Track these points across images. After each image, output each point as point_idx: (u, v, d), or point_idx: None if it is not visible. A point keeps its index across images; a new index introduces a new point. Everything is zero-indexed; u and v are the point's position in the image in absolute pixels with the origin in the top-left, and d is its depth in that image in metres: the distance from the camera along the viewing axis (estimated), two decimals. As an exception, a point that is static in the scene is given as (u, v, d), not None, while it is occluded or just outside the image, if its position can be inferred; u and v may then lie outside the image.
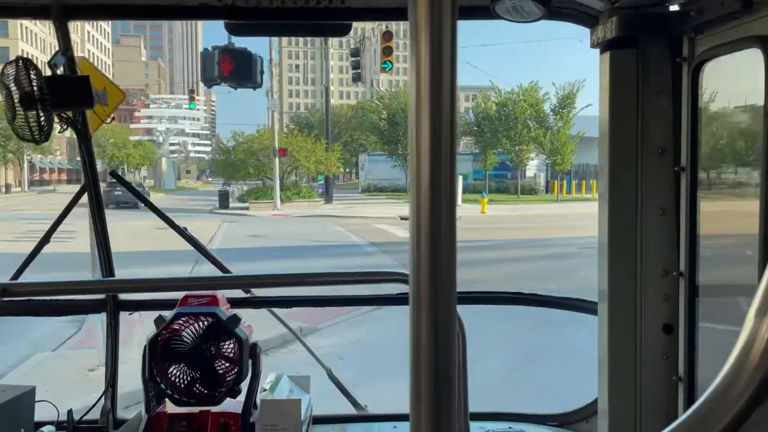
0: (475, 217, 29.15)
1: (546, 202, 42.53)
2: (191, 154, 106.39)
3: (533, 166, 53.82)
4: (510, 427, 2.75)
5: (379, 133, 52.79)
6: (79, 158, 2.87)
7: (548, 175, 52.82)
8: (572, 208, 32.72)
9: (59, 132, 2.56)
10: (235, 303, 2.73)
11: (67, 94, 2.47)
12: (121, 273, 3.04)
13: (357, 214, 31.57)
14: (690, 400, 2.10)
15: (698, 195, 2.04)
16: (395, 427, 2.81)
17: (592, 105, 48.37)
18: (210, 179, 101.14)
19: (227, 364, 2.44)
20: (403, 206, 29.78)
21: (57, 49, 2.62)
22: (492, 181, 52.33)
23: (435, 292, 0.67)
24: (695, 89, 2.01)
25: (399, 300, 3.01)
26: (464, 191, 45.46)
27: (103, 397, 2.89)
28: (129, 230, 18.06)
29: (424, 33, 0.66)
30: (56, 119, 2.53)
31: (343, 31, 2.55)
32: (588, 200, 41.27)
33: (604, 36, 2.13)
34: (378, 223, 26.65)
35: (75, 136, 2.74)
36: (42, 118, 2.40)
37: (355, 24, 2.63)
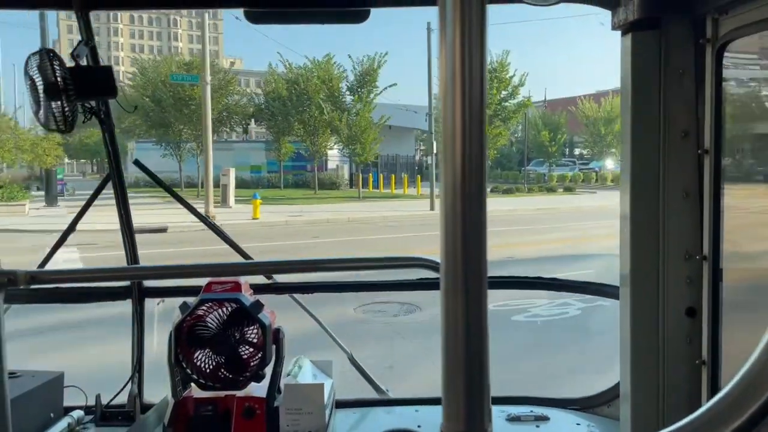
0: (240, 225, 21.39)
1: (345, 199, 34.47)
2: None
3: (335, 157, 45.79)
4: (531, 411, 2.77)
5: (144, 115, 39.62)
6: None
7: (352, 168, 43.69)
8: (374, 209, 27.28)
9: (83, 122, 2.59)
10: (257, 289, 2.76)
11: (90, 84, 2.50)
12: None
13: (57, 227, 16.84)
14: (713, 383, 2.09)
15: (722, 178, 2.02)
16: (417, 410, 2.83)
17: (396, 85, 44.12)
18: None
19: (251, 349, 2.47)
20: (170, 210, 21.75)
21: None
22: (289, 174, 45.12)
23: (466, 277, 0.68)
24: (719, 71, 1.98)
25: (424, 285, 3.02)
26: (257, 186, 38.46)
27: (130, 382, 2.95)
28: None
29: (452, 18, 0.66)
30: (80, 109, 2.56)
31: (363, 17, 2.54)
32: (398, 197, 36.75)
33: (626, 17, 2.10)
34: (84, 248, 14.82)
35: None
36: (66, 108, 2.43)
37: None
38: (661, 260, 2.15)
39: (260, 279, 2.98)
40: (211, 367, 2.46)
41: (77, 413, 2.80)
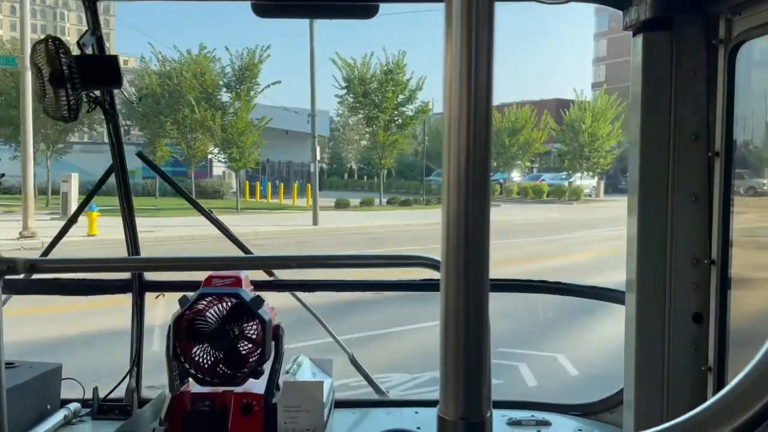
0: (71, 243, 14.27)
1: (223, 211, 26.96)
2: None
3: (221, 163, 39.65)
4: (533, 416, 2.73)
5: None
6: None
7: (240, 175, 37.72)
8: (250, 222, 23.86)
9: (87, 111, 2.58)
10: (258, 285, 2.73)
11: (96, 74, 2.49)
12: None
13: None
14: (720, 389, 2.05)
15: (732, 181, 1.99)
16: (417, 412, 2.80)
17: (281, 83, 36.13)
18: None
19: (250, 345, 2.45)
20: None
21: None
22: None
23: (468, 277, 0.68)
24: (731, 72, 1.95)
25: (426, 286, 2.99)
26: (138, 194, 31.16)
27: (128, 376, 2.92)
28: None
29: (459, 16, 0.65)
30: (84, 98, 2.54)
31: (371, 12, 2.52)
32: (285, 208, 32.76)
33: (637, 17, 2.08)
34: None
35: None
36: (71, 97, 2.41)
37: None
38: (668, 265, 2.12)
39: (262, 276, 2.95)
40: (209, 362, 2.43)
41: (74, 406, 2.78)
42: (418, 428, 2.59)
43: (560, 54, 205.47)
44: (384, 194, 40.47)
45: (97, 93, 2.63)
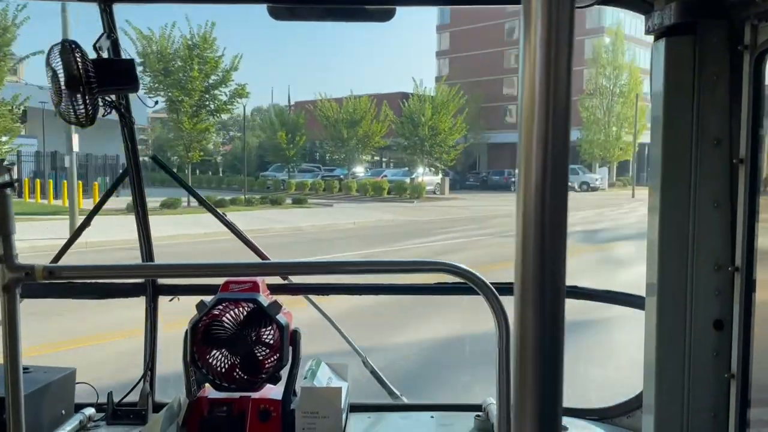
0: None
1: None
2: None
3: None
4: None
5: None
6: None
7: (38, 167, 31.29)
8: None
9: (103, 115, 2.57)
10: (273, 290, 2.72)
11: (112, 77, 2.47)
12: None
13: None
14: (744, 396, 2.04)
15: (758, 188, 1.96)
16: (432, 416, 2.79)
17: (43, 53, 26.43)
18: None
19: (267, 351, 2.44)
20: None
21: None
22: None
23: (543, 288, 0.65)
24: (758, 78, 1.93)
25: (442, 290, 2.97)
26: None
27: (142, 380, 2.92)
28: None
29: (538, 18, 0.63)
30: (100, 102, 2.53)
31: (389, 15, 2.50)
32: (57, 213, 23.80)
33: (661, 22, 2.05)
34: None
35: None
36: (87, 101, 2.40)
37: None
38: (689, 271, 2.10)
39: (276, 279, 2.94)
40: (226, 367, 2.43)
41: (89, 410, 2.77)
42: None
43: (407, 47, 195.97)
44: (215, 191, 36.37)
45: (113, 97, 2.61)
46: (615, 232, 22.66)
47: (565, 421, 2.73)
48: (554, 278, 0.65)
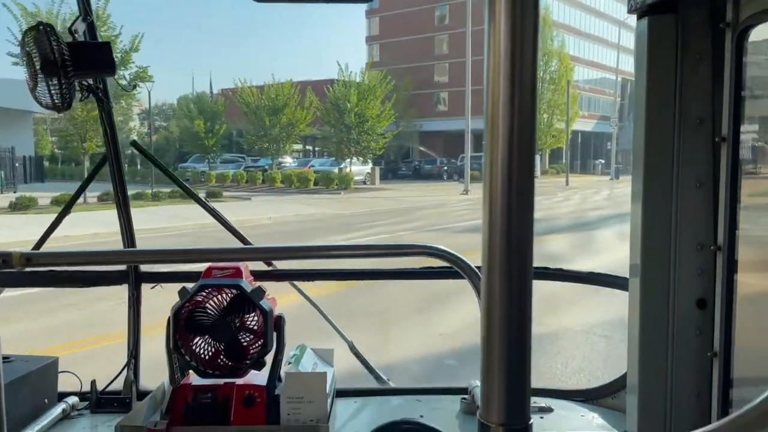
0: None
1: None
2: None
3: None
4: (534, 402, 2.73)
5: None
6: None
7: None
8: None
9: (80, 100, 2.52)
10: (257, 276, 2.70)
11: (88, 61, 2.42)
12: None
13: None
14: (726, 374, 2.06)
15: (740, 167, 1.98)
16: (419, 400, 2.79)
17: None
18: None
19: (251, 337, 2.42)
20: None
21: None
22: None
23: (510, 271, 0.66)
24: (740, 56, 1.94)
25: (428, 274, 2.97)
26: None
27: (126, 369, 2.89)
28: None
29: (502, 3, 0.63)
30: (77, 86, 2.48)
31: None
32: None
33: (643, 1, 2.05)
34: None
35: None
36: (64, 85, 2.35)
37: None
38: (673, 250, 2.12)
39: (260, 265, 2.92)
40: (210, 354, 2.41)
41: (72, 399, 2.74)
42: (421, 416, 2.59)
43: (337, 33, 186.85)
44: (131, 185, 32.69)
45: (90, 81, 2.56)
46: (547, 224, 20.20)
47: (551, 402, 2.75)
48: (522, 261, 0.66)
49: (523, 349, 0.68)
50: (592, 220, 24.19)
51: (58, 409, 2.63)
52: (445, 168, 56.87)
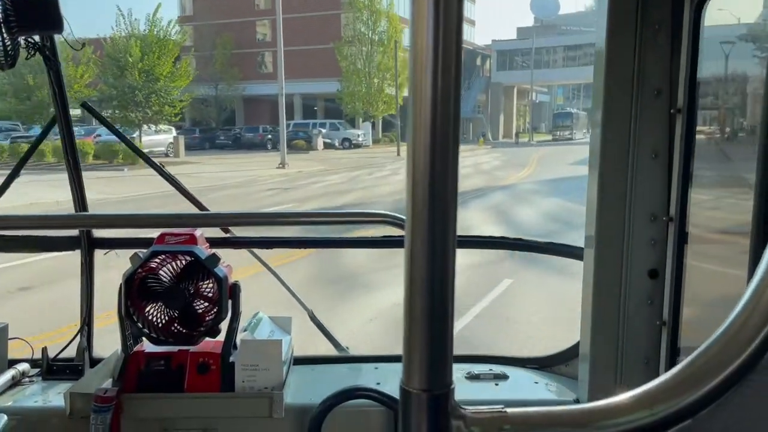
0: None
1: None
2: None
3: None
4: (490, 369, 2.76)
5: None
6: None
7: None
8: None
9: (26, 58, 2.41)
10: (214, 243, 2.66)
11: (34, 17, 2.32)
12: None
13: None
14: (673, 343, 2.10)
15: (694, 138, 1.98)
16: (377, 368, 2.80)
17: None
18: None
19: (206, 304, 2.39)
20: None
21: None
22: None
23: (434, 234, 0.66)
24: (697, 28, 1.93)
25: (387, 243, 2.95)
26: None
27: (79, 335, 2.84)
28: None
29: None
30: (23, 44, 2.38)
31: None
32: None
33: None
34: None
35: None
36: (8, 42, 2.25)
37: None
38: (627, 221, 2.13)
39: (217, 232, 2.87)
40: (163, 321, 2.37)
41: (22, 366, 2.69)
42: (378, 383, 2.59)
43: None
44: None
45: (37, 38, 2.46)
46: (362, 209, 15.97)
47: (505, 369, 2.78)
48: (444, 228, 0.66)
49: (445, 316, 0.68)
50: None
51: (7, 375, 2.58)
52: (269, 137, 49.57)
